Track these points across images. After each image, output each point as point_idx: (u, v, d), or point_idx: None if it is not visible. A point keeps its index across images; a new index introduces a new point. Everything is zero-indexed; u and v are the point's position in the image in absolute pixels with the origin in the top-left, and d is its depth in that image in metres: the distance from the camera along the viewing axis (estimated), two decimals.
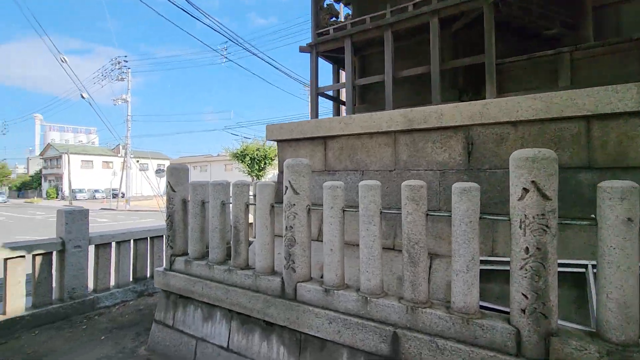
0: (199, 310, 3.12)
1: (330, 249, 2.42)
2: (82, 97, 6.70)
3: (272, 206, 2.81)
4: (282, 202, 2.67)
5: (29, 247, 3.96)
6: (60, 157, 49.37)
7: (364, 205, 2.27)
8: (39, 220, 21.11)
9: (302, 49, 4.03)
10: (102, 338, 3.73)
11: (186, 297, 3.21)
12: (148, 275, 5.18)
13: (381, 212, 2.28)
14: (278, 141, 3.75)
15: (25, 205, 38.25)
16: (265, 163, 27.13)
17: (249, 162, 26.74)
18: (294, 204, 2.56)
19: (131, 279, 5.01)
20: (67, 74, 6.05)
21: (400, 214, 2.20)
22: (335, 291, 2.37)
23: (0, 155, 63.17)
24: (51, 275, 4.18)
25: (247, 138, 28.44)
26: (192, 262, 3.22)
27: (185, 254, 3.46)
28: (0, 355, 3.36)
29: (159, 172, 32.55)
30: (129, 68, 32.90)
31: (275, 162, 27.95)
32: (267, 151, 26.98)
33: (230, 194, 3.20)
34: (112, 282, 4.82)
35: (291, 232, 2.57)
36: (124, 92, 32.88)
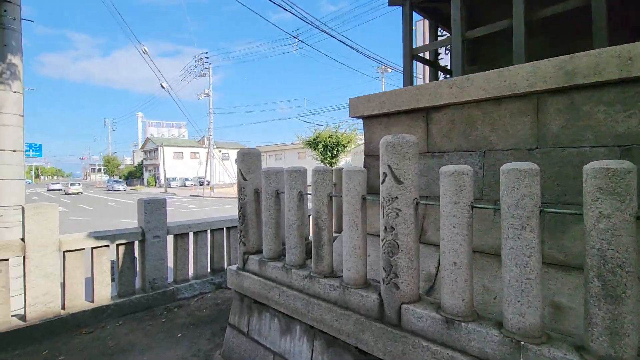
0: (275, 321, 2.65)
1: (454, 263, 1.68)
2: (162, 86, 6.85)
3: (364, 199, 2.15)
4: (375, 193, 2.00)
5: (112, 236, 3.94)
6: (157, 149, 55.51)
7: (513, 201, 1.48)
8: None
9: (392, 2, 3.24)
10: (179, 335, 3.53)
11: (261, 303, 2.76)
12: (225, 266, 4.99)
13: (541, 212, 1.46)
14: (364, 118, 3.06)
15: (131, 192, 43.89)
16: (337, 150, 26.68)
17: (322, 149, 26.54)
18: (396, 197, 1.87)
19: (209, 270, 4.87)
20: (149, 65, 6.10)
21: (569, 213, 1.37)
22: (462, 324, 1.63)
23: (112, 148, 73.62)
24: (134, 265, 4.15)
25: (319, 125, 28.22)
26: (267, 263, 2.75)
27: (259, 251, 3.02)
28: (87, 345, 3.34)
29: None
30: (209, 64, 35.03)
31: (349, 148, 27.34)
32: (339, 138, 26.47)
33: (309, 183, 2.64)
34: (191, 274, 4.71)
35: (392, 235, 1.88)
36: (206, 87, 35.17)
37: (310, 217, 2.62)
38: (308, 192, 2.61)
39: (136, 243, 4.19)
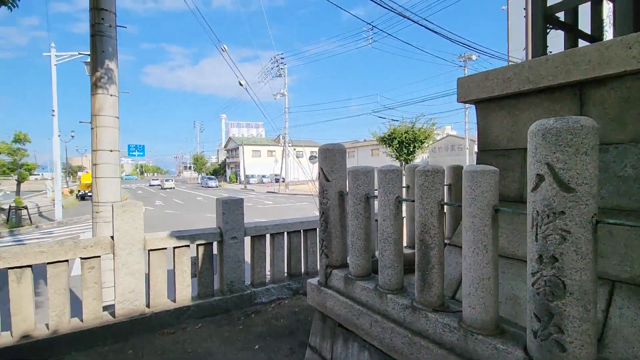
0: (366, 354, 2.17)
1: None
2: (240, 84, 6.87)
3: (496, 211, 1.54)
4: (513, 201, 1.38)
5: (192, 237, 3.87)
6: (237, 148, 59.41)
7: None
8: None
9: None
10: (256, 347, 3.27)
11: (348, 329, 2.31)
12: (302, 271, 4.69)
13: None
14: (478, 102, 2.40)
15: (216, 188, 47.67)
16: (414, 146, 25.26)
17: (397, 145, 25.40)
18: (562, 212, 1.23)
19: (286, 275, 4.60)
20: (227, 63, 6.10)
21: None
22: None
23: (199, 148, 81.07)
24: (212, 266, 4.05)
25: (394, 120, 26.92)
26: (355, 282, 2.28)
27: (344, 265, 2.57)
28: (167, 348, 3.26)
29: (311, 158, 34.99)
30: (285, 64, 36.08)
31: (426, 144, 25.72)
32: (416, 133, 25.01)
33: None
34: (267, 277, 4.49)
35: (554, 269, 1.26)
36: (282, 87, 36.33)
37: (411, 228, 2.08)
38: (408, 198, 2.08)
39: (215, 244, 4.09)
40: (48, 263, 3.18)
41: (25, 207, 16.23)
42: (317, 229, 4.82)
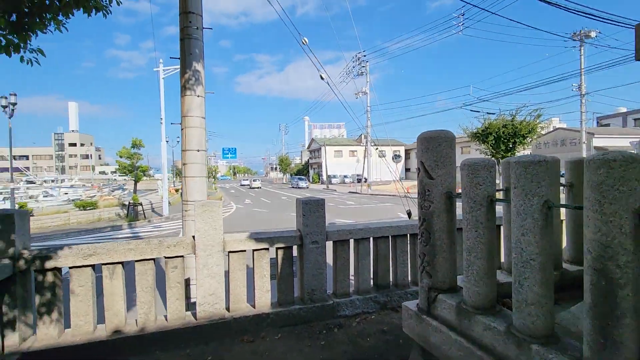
0: None
1: None
2: (322, 78, 6.59)
3: None
4: None
5: (270, 239, 3.62)
6: (320, 149, 60.66)
7: None
8: None
9: None
10: None
11: None
12: (390, 282, 4.12)
13: None
14: None
15: (305, 189, 49.36)
16: (514, 142, 22.28)
17: (493, 141, 22.72)
18: None
19: (372, 286, 4.09)
20: (308, 55, 5.83)
21: None
22: None
23: (284, 149, 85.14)
24: (292, 271, 3.76)
25: (490, 114, 24.06)
26: (473, 317, 1.67)
27: (453, 289, 1.96)
28: (247, 358, 3.03)
29: (395, 157, 33.71)
30: (367, 62, 35.43)
31: (529, 139, 22.49)
32: (516, 127, 22.01)
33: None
34: (352, 288, 4.03)
35: None
36: (364, 86, 35.77)
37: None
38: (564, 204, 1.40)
39: (294, 248, 3.78)
40: (136, 261, 3.22)
41: (140, 204, 18.69)
42: (408, 236, 4.21)
